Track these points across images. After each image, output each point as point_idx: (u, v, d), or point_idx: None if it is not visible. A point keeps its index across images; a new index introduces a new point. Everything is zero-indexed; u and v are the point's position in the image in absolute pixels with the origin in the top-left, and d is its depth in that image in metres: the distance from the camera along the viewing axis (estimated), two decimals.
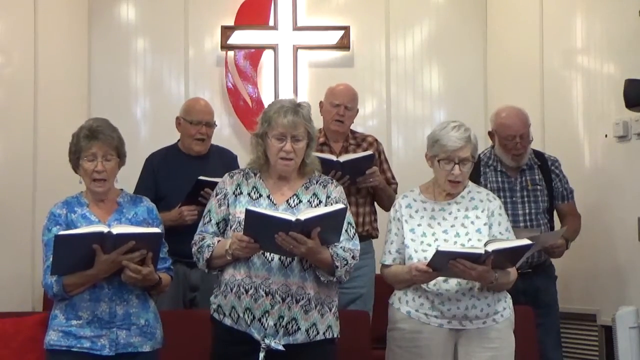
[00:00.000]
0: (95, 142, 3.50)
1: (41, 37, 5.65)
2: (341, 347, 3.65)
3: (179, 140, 4.90)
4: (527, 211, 4.70)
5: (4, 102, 5.40)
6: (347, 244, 3.44)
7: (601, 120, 5.19)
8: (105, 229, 3.30)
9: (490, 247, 3.47)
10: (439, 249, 3.48)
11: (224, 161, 4.78)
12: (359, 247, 3.50)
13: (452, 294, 3.59)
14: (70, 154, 3.57)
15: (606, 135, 5.14)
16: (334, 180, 3.66)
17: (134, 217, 3.57)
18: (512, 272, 3.67)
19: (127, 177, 4.96)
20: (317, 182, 3.55)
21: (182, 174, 4.58)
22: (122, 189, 3.69)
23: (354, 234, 3.51)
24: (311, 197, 3.49)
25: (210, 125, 4.81)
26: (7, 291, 5.20)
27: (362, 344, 4.38)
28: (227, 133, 6.33)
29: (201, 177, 4.39)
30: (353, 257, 3.44)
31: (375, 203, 4.89)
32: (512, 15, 6.25)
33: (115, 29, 6.47)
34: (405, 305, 3.67)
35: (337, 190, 3.55)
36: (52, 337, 3.44)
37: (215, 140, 4.98)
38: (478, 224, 3.69)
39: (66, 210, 3.53)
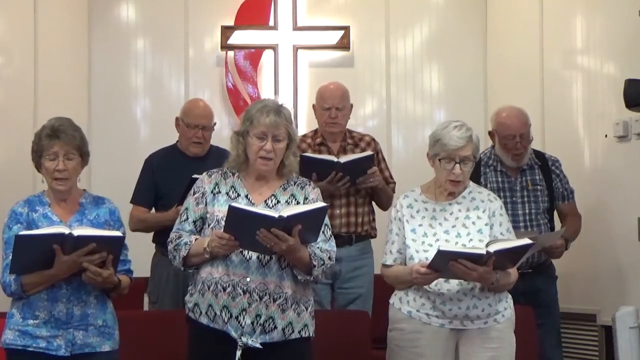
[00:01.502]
0: (57, 141, 3.48)
1: (41, 37, 5.65)
2: (341, 347, 3.66)
3: (178, 141, 4.90)
4: (527, 211, 4.70)
5: (4, 102, 5.41)
6: (324, 245, 3.46)
7: (601, 120, 5.19)
8: (66, 230, 3.29)
9: (492, 248, 3.46)
10: (441, 248, 3.48)
11: (223, 161, 4.75)
12: (335, 249, 3.51)
13: (453, 294, 3.59)
14: (32, 152, 3.55)
15: (606, 135, 5.14)
16: (311, 182, 3.66)
17: (95, 218, 3.55)
18: (513, 273, 3.66)
19: (127, 177, 5.01)
20: (295, 184, 3.55)
21: (181, 174, 4.56)
22: (84, 190, 3.67)
23: (331, 236, 3.52)
24: (289, 198, 3.50)
25: (208, 129, 4.81)
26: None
27: (362, 344, 4.38)
28: (227, 133, 6.29)
29: (195, 176, 4.39)
30: (329, 258, 3.46)
31: (373, 203, 4.89)
32: (512, 15, 6.25)
33: (115, 29, 6.47)
34: (406, 305, 3.66)
35: (314, 192, 3.56)
36: (8, 336, 3.42)
37: (215, 140, 4.98)
38: (479, 224, 3.69)
39: (27, 208, 3.51)
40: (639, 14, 4.72)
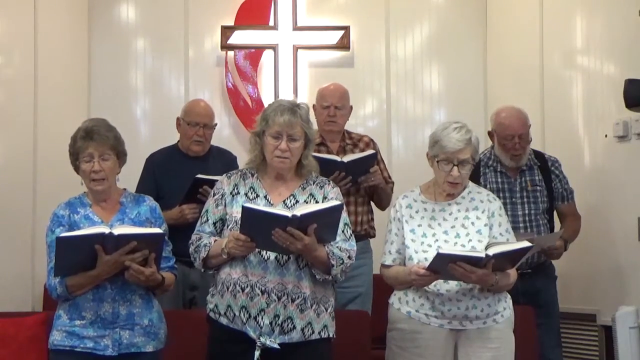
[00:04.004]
0: (91, 142, 3.51)
1: (41, 37, 5.65)
2: (341, 347, 3.65)
3: (179, 141, 4.90)
4: (526, 212, 4.70)
5: (4, 102, 5.40)
6: (344, 244, 3.45)
7: (601, 120, 5.19)
8: (106, 230, 3.32)
9: (491, 251, 3.46)
10: (440, 251, 3.48)
11: (224, 162, 4.78)
12: (355, 248, 3.51)
13: (452, 294, 3.59)
14: (70, 156, 3.59)
15: (606, 135, 5.13)
16: (331, 181, 3.66)
17: (136, 216, 3.58)
18: (512, 274, 3.67)
19: (127, 177, 4.96)
20: (314, 183, 3.55)
21: (182, 173, 4.58)
22: (125, 189, 3.70)
23: (351, 235, 3.52)
24: (308, 197, 3.50)
25: (209, 127, 4.81)
26: (7, 291, 5.20)
27: (361, 344, 4.38)
28: (227, 133, 6.34)
29: (199, 175, 4.40)
30: (349, 257, 3.45)
31: (372, 202, 4.89)
32: (512, 15, 6.25)
33: (115, 29, 6.47)
34: (405, 305, 3.67)
35: (334, 191, 3.56)
36: (56, 337, 3.46)
37: (215, 140, 4.98)
38: (478, 224, 3.69)
39: (69, 211, 3.55)
40: (639, 14, 4.72)
